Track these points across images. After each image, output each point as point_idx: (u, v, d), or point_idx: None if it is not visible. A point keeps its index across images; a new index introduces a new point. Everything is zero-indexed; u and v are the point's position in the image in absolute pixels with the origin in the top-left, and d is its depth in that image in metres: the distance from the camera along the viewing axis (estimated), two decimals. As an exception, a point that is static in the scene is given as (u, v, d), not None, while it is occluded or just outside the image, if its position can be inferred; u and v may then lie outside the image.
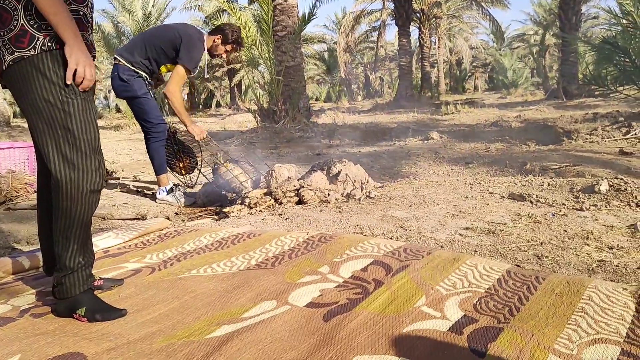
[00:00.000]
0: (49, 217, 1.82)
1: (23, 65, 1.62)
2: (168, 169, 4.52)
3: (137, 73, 3.87)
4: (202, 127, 4.11)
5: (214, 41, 4.13)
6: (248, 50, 10.13)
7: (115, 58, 3.95)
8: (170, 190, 4.00)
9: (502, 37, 24.24)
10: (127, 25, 15.61)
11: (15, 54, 1.61)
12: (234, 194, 3.67)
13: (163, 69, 4.05)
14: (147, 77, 3.95)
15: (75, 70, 1.62)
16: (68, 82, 1.62)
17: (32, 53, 1.61)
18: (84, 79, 1.64)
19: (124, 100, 4.37)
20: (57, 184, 1.66)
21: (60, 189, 1.66)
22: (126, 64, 3.85)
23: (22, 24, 1.60)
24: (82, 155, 1.67)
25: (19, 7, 1.59)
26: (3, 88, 1.75)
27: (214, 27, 4.37)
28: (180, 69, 3.89)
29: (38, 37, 1.61)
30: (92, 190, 1.70)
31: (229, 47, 4.19)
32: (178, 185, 4.22)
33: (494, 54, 31.30)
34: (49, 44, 1.61)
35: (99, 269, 2.22)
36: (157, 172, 4.09)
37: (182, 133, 4.40)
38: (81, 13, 1.70)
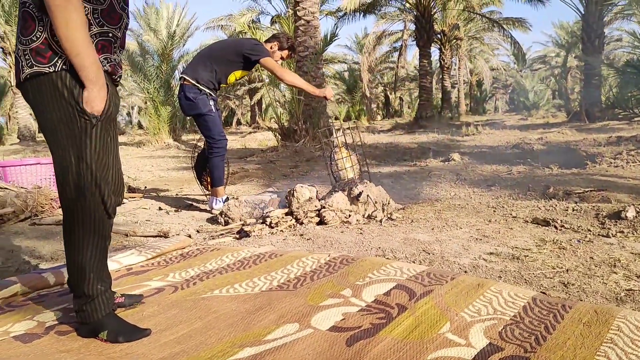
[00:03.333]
0: None
1: (41, 81, 1.55)
2: (197, 181, 4.65)
3: (202, 90, 4.08)
4: (329, 88, 4.36)
5: (271, 48, 4.32)
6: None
7: (181, 78, 4.18)
8: (226, 200, 4.17)
9: (524, 58, 24.12)
10: (152, 44, 15.90)
11: (35, 67, 1.53)
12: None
13: (232, 77, 4.25)
14: (211, 93, 4.15)
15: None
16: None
17: (51, 70, 1.53)
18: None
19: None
20: (68, 212, 1.63)
21: (71, 218, 1.63)
22: (192, 81, 4.06)
23: (45, 37, 1.52)
24: (93, 185, 1.60)
25: (46, 19, 1.51)
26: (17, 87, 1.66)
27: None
28: (267, 61, 4.10)
29: (61, 55, 1.53)
30: (102, 217, 1.66)
31: (284, 53, 4.41)
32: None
33: (514, 75, 31.22)
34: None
35: (123, 286, 2.24)
36: (215, 185, 4.26)
37: None
38: (111, 35, 1.63)
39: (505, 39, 21.44)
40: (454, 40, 24.82)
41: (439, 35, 22.95)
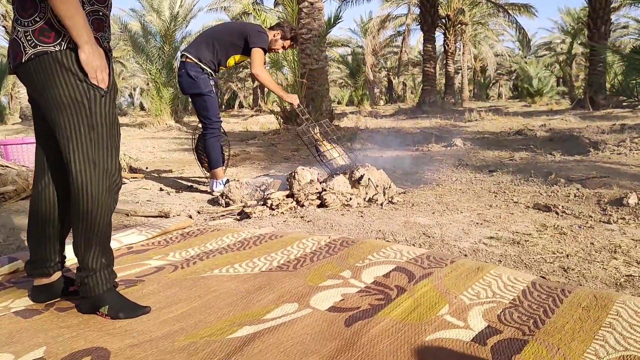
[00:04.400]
0: (46, 219, 1.79)
1: (46, 60, 1.57)
2: (198, 163, 4.64)
3: (204, 70, 4.07)
4: (296, 96, 4.41)
5: (274, 36, 4.32)
6: (272, 53, 10.17)
7: (182, 55, 4.15)
8: (227, 182, 4.14)
9: (529, 44, 23.93)
10: (154, 25, 15.76)
11: (39, 47, 1.56)
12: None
13: (231, 61, 4.25)
14: (212, 73, 4.14)
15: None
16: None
17: (57, 49, 1.57)
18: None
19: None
20: (78, 184, 1.63)
21: (81, 189, 1.63)
22: (194, 60, 4.04)
23: (49, 17, 1.56)
24: (104, 154, 1.65)
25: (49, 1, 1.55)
26: (12, 73, 1.68)
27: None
28: (257, 52, 4.10)
29: (64, 35, 1.57)
30: (111, 189, 1.69)
31: (286, 43, 4.41)
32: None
33: (519, 61, 30.93)
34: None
35: (123, 264, 2.25)
36: (213, 166, 4.25)
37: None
38: (101, 13, 1.67)
39: (511, 25, 21.29)
40: (459, 25, 24.57)
41: (443, 20, 22.74)
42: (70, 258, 1.87)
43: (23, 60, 1.59)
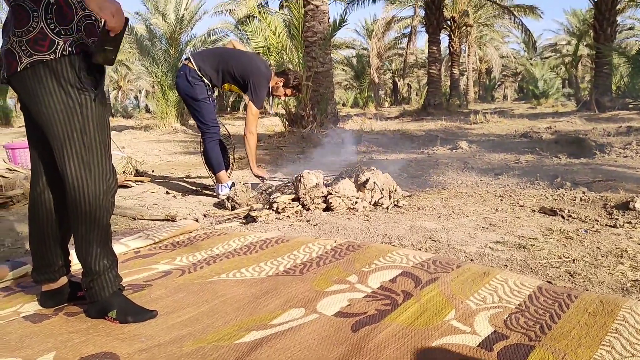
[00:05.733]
0: (45, 222, 1.81)
1: (40, 69, 1.61)
2: (205, 167, 4.67)
3: (201, 79, 4.13)
4: (265, 170, 4.65)
5: (276, 82, 4.43)
6: (278, 55, 10.20)
7: (186, 59, 4.24)
8: (232, 185, 4.16)
9: (534, 46, 23.86)
10: (160, 27, 15.85)
11: (34, 56, 1.60)
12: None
13: (226, 85, 4.34)
14: (209, 84, 4.19)
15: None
16: (108, 29, 1.58)
17: (51, 57, 1.60)
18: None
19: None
20: (75, 188, 1.66)
21: (78, 193, 1.66)
22: (195, 67, 4.12)
23: (42, 26, 1.60)
24: (98, 158, 1.68)
25: (40, 9, 1.60)
26: (4, 83, 1.71)
27: (280, 70, 4.69)
28: (252, 109, 4.26)
29: (58, 42, 1.61)
30: (108, 192, 1.71)
31: (288, 91, 4.51)
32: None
33: (524, 63, 30.90)
34: (69, 48, 1.61)
35: (131, 269, 2.26)
36: (216, 170, 4.32)
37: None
38: (93, 18, 1.71)
39: (516, 26, 21.22)
40: (464, 27, 24.55)
41: (448, 22, 22.71)
42: (76, 263, 1.89)
43: (18, 70, 1.62)
